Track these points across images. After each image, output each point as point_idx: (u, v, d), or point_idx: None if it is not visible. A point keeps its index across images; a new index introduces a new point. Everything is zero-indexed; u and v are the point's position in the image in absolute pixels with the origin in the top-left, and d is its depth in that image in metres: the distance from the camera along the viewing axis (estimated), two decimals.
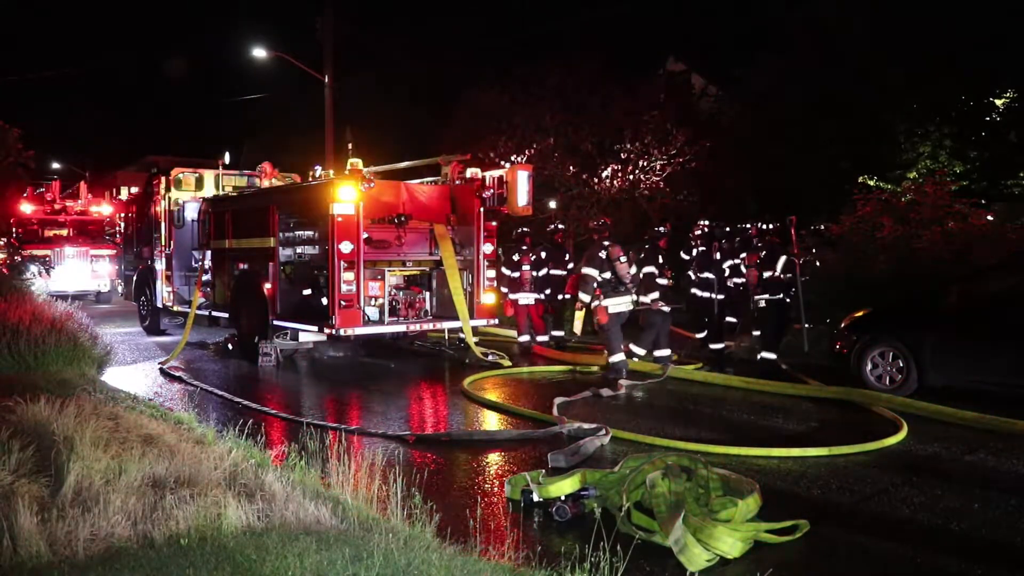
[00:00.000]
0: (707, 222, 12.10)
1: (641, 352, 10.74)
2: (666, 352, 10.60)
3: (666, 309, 10.62)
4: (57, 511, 4.08)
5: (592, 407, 8.45)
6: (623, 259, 10.10)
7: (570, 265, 12.77)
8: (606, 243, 10.32)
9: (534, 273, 12.50)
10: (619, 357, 10.13)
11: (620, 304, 10.20)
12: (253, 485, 4.65)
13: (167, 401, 8.83)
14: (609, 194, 18.59)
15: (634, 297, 10.31)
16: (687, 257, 12.41)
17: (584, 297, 10.14)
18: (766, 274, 10.36)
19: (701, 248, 11.83)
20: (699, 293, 11.74)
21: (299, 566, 3.57)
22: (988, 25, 15.65)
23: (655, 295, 10.49)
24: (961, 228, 12.88)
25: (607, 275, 10.12)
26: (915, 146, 16.01)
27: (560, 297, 12.66)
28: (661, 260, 10.82)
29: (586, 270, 10.13)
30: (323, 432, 7.41)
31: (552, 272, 12.70)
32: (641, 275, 10.48)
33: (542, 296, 12.60)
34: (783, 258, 10.25)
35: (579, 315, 10.42)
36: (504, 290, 12.63)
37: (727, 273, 11.34)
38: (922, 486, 5.69)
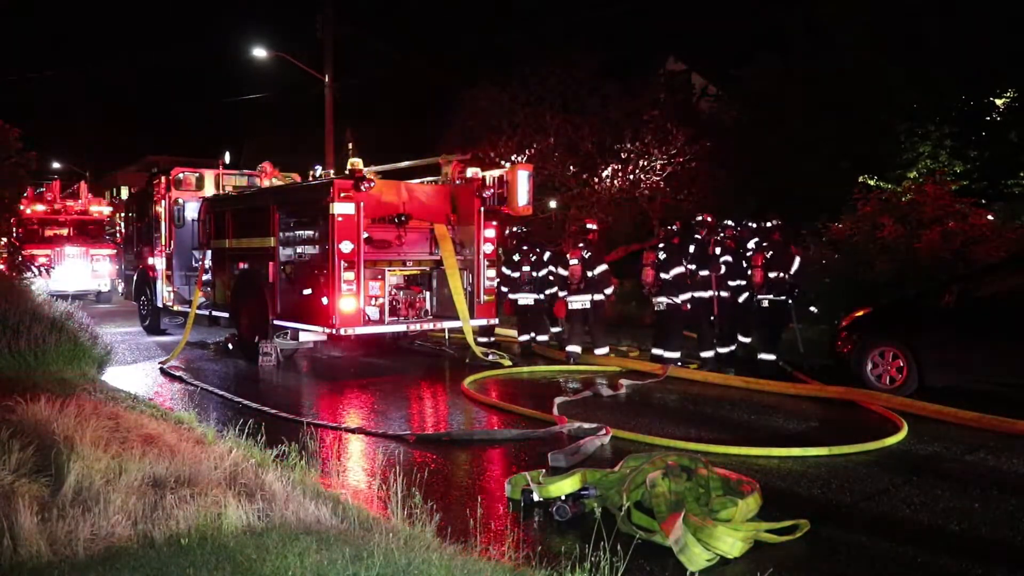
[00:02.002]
0: (702, 218, 11.78)
1: (676, 355, 10.70)
2: (676, 355, 10.62)
3: (684, 305, 10.62)
4: (57, 511, 4.08)
5: (592, 407, 8.46)
6: (573, 261, 11.25)
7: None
8: (580, 244, 11.44)
9: (534, 273, 12.51)
10: (575, 348, 11.39)
11: (576, 302, 11.26)
12: (253, 485, 4.65)
13: (167, 401, 8.83)
14: (609, 194, 18.59)
15: (593, 296, 11.24)
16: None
17: (560, 292, 11.72)
18: (771, 275, 10.37)
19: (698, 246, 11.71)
20: (699, 294, 11.64)
21: (299, 566, 3.58)
22: (988, 25, 15.64)
23: (686, 296, 10.52)
24: (961, 228, 12.87)
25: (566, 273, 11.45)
26: (915, 146, 15.99)
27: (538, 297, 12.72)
28: (685, 259, 10.79)
29: (560, 269, 11.76)
30: (323, 432, 7.41)
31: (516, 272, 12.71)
32: (671, 276, 10.59)
33: (542, 296, 12.60)
34: (797, 260, 10.40)
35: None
36: (504, 289, 12.64)
37: (723, 271, 11.28)
38: (922, 486, 5.70)
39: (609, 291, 11.58)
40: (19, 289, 13.36)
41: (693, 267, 10.79)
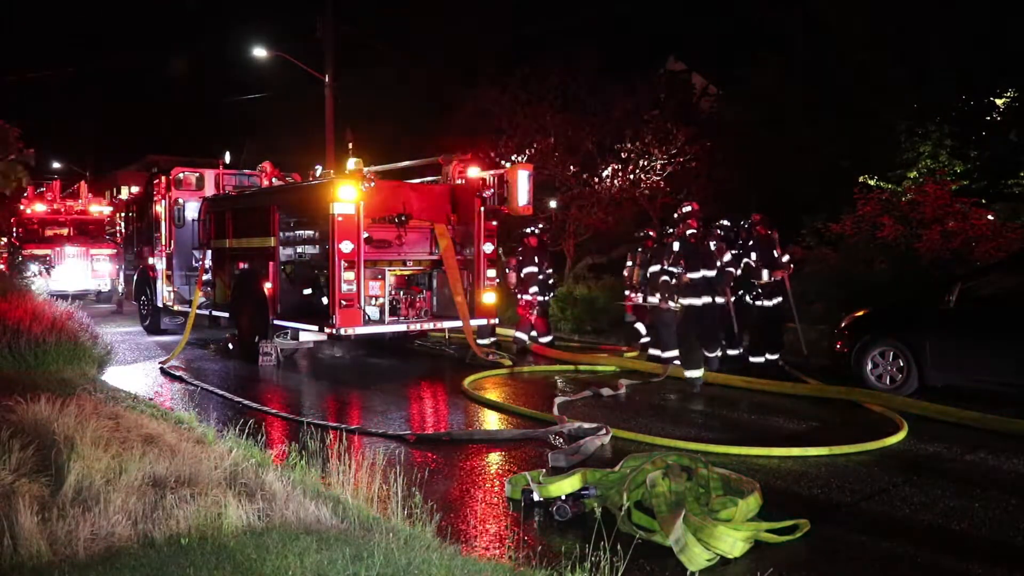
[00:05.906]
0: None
1: (673, 354, 10.63)
2: (673, 353, 10.58)
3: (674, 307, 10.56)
4: (57, 510, 4.08)
5: (592, 407, 8.46)
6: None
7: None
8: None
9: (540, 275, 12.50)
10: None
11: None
12: (253, 485, 4.65)
13: (167, 401, 8.83)
14: (609, 193, 18.58)
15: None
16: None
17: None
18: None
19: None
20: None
21: (299, 565, 3.58)
22: (988, 25, 15.62)
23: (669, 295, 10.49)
24: (961, 228, 12.87)
25: None
26: (915, 146, 15.97)
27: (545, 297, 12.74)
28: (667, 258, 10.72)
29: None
30: (323, 432, 7.41)
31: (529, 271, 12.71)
32: (650, 275, 10.54)
33: (544, 296, 12.62)
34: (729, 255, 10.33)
35: None
36: (514, 290, 12.69)
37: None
38: (922, 486, 5.70)
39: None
40: (19, 289, 13.37)
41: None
